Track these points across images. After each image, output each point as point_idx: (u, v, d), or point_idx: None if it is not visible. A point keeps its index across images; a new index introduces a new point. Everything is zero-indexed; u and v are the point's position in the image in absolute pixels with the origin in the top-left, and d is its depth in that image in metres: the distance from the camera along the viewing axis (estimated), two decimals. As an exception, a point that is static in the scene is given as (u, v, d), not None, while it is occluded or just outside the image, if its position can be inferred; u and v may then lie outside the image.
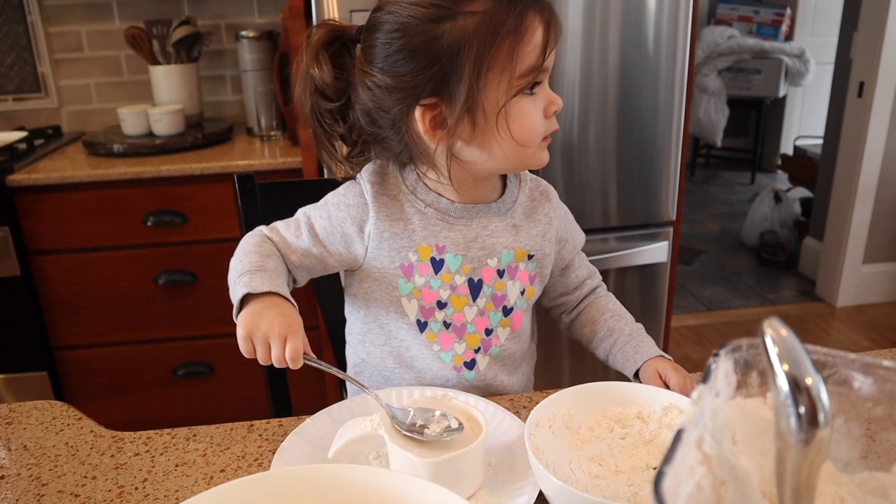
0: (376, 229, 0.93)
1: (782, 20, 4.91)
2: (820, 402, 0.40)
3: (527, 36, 0.83)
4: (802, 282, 3.52)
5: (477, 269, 0.95)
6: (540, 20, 0.84)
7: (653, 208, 1.93)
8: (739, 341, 0.47)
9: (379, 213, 0.93)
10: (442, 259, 0.94)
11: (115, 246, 2.01)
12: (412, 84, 0.84)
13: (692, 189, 5.06)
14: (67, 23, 2.38)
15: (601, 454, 0.72)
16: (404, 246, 0.93)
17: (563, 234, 1.04)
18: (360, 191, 0.95)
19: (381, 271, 0.94)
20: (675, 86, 1.84)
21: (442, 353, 0.96)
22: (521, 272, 0.98)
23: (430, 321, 0.95)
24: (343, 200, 0.95)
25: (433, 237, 0.93)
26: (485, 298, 0.96)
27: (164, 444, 0.85)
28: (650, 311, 2.02)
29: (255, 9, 2.43)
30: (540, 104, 0.87)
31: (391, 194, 0.94)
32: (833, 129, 3.27)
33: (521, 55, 0.83)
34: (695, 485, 0.38)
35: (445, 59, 0.82)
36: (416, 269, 0.93)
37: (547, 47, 0.84)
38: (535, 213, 1.00)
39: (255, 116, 2.26)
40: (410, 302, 0.95)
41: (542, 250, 0.99)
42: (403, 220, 0.93)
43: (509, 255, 0.96)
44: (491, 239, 0.95)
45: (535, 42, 0.83)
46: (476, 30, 0.81)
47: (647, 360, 0.96)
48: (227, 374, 2.17)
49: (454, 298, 0.95)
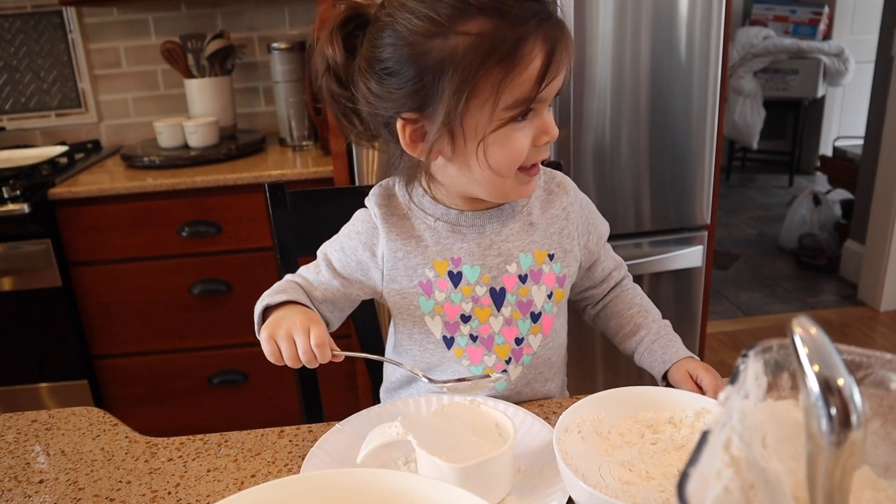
0: (389, 250, 0.92)
1: (820, 19, 4.82)
2: (853, 403, 0.39)
3: (520, 66, 0.77)
4: (844, 286, 3.43)
5: (497, 278, 0.92)
6: (542, 48, 0.77)
7: (687, 212, 1.91)
8: (769, 342, 0.46)
9: (389, 233, 0.92)
10: (459, 272, 0.92)
11: (152, 256, 2.04)
12: (396, 95, 0.80)
13: (728, 193, 4.98)
14: (106, 39, 2.44)
15: (632, 460, 0.71)
16: (419, 263, 0.91)
17: (584, 225, 1.00)
18: (369, 216, 0.94)
19: (401, 292, 0.93)
20: (708, 88, 1.82)
21: (472, 367, 0.94)
22: (547, 275, 0.95)
23: (457, 336, 0.93)
24: (353, 229, 0.95)
25: (447, 250, 0.92)
26: (510, 307, 0.94)
27: (196, 449, 0.86)
28: (685, 317, 1.99)
29: (287, 21, 2.46)
30: (529, 132, 0.82)
31: (399, 214, 0.93)
32: (874, 128, 3.19)
33: (509, 86, 0.77)
34: (722, 488, 0.37)
35: (429, 77, 0.78)
36: (434, 285, 0.91)
37: (545, 78, 0.78)
38: (551, 206, 0.97)
39: (287, 127, 2.29)
40: (434, 319, 0.93)
41: (562, 247, 0.96)
42: (415, 238, 0.92)
43: (528, 259, 0.94)
44: (506, 244, 0.93)
45: (530, 73, 0.77)
46: (464, 52, 0.76)
47: (676, 362, 0.94)
48: (261, 382, 2.19)
49: (477, 310, 0.93)
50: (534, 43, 0.77)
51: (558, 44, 0.78)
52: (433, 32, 0.77)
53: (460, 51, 0.76)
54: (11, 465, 0.85)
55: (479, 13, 0.76)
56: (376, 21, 0.82)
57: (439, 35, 0.77)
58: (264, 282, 2.09)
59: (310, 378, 1.23)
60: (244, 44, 2.44)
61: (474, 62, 0.76)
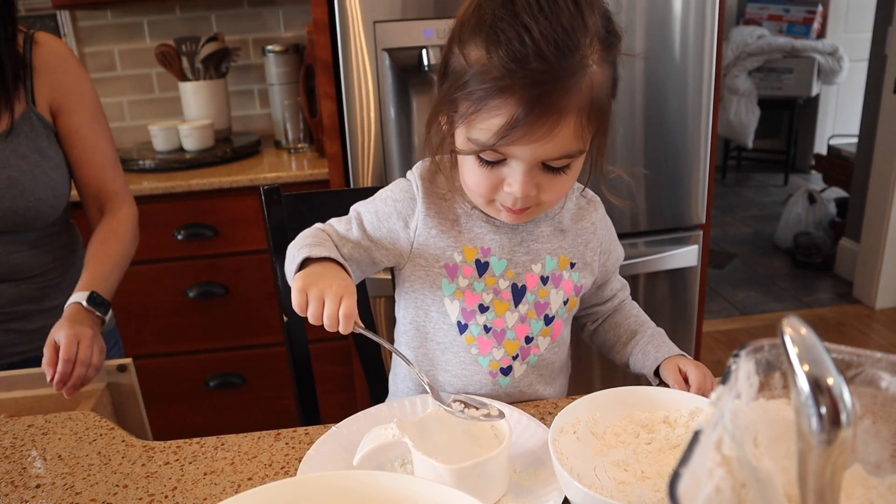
0: (424, 225, 0.93)
1: (814, 17, 4.83)
2: (842, 401, 0.39)
3: (480, 114, 0.77)
4: (839, 284, 3.45)
5: (521, 275, 0.94)
6: (512, 109, 0.75)
7: (682, 212, 1.91)
8: (761, 342, 0.47)
9: (428, 209, 0.93)
10: (487, 262, 0.93)
11: (148, 260, 2.04)
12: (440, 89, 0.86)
13: (723, 192, 4.99)
14: (101, 43, 2.43)
15: (627, 459, 0.71)
16: (450, 245, 0.93)
17: (607, 244, 1.03)
18: (409, 187, 0.95)
19: (427, 269, 0.94)
20: (702, 87, 1.82)
21: (479, 356, 0.96)
22: (566, 282, 0.97)
23: (471, 324, 0.95)
24: (390, 195, 0.96)
25: (479, 239, 0.93)
26: (527, 305, 0.95)
27: (192, 453, 0.86)
28: (681, 316, 1.99)
29: (282, 23, 2.46)
30: (498, 174, 0.82)
31: (440, 193, 0.95)
32: (868, 126, 3.20)
33: (470, 123, 0.79)
34: (714, 487, 0.38)
35: (441, 79, 0.84)
36: (460, 270, 0.93)
37: (504, 138, 0.76)
38: (582, 219, 1.00)
39: (282, 129, 2.29)
40: (453, 303, 0.94)
41: (584, 259, 0.99)
42: (451, 220, 0.94)
43: (553, 262, 0.96)
44: (536, 244, 0.95)
45: (490, 124, 0.77)
46: (456, 72, 0.80)
47: (667, 358, 0.95)
48: (259, 385, 2.19)
49: (496, 303, 0.94)
50: (508, 99, 0.75)
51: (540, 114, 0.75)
52: (455, 40, 0.81)
53: (456, 68, 0.81)
54: (8, 470, 0.85)
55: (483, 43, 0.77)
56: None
57: (457, 49, 0.81)
58: (261, 284, 2.10)
59: (306, 380, 1.23)
60: (239, 46, 2.44)
61: (458, 85, 0.79)
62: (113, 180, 1.32)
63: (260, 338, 2.15)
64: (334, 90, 1.81)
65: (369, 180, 1.81)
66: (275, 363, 2.18)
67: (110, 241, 1.27)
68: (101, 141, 1.31)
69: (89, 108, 1.29)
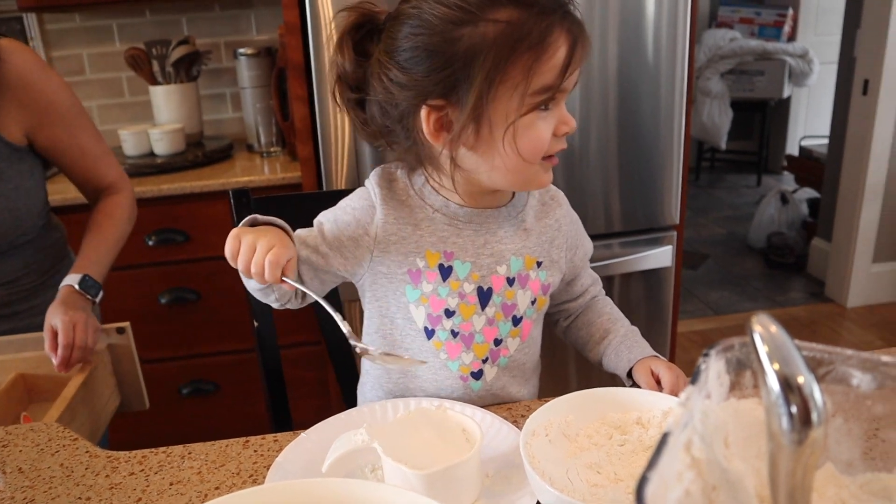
0: (384, 232, 0.92)
1: (784, 20, 4.89)
2: (813, 400, 0.38)
3: (548, 53, 0.80)
4: (812, 283, 3.48)
5: (486, 277, 0.93)
6: (566, 38, 0.81)
7: (656, 212, 1.92)
8: (731, 340, 0.46)
9: (387, 216, 0.92)
10: (450, 266, 0.92)
11: (119, 266, 1.98)
12: (423, 83, 0.82)
13: (697, 193, 5.03)
14: (69, 46, 2.39)
15: (600, 462, 0.70)
16: (412, 251, 0.92)
17: (573, 240, 1.03)
18: (368, 195, 0.94)
19: (389, 276, 0.93)
20: (675, 89, 1.83)
21: (449, 361, 0.95)
22: (533, 281, 0.96)
23: (438, 329, 0.93)
24: (349, 204, 0.95)
25: (441, 243, 0.92)
26: (494, 307, 0.94)
27: (158, 462, 0.84)
28: (656, 317, 2.00)
29: (253, 26, 2.44)
30: (551, 122, 0.84)
31: (400, 199, 0.93)
32: (839, 127, 3.24)
33: (538, 72, 0.80)
34: (683, 491, 0.37)
35: (459, 64, 0.80)
36: (423, 275, 0.92)
37: (569, 67, 0.81)
38: (546, 217, 0.99)
39: (254, 133, 2.26)
40: (418, 309, 0.93)
41: (550, 257, 0.98)
42: (412, 225, 0.92)
43: (518, 262, 0.95)
44: (499, 245, 0.94)
45: (556, 61, 0.80)
46: (495, 39, 0.79)
47: (640, 359, 0.95)
48: (233, 392, 2.16)
49: (462, 307, 0.93)
50: (559, 33, 0.81)
51: (579, 37, 0.83)
52: (463, 20, 0.80)
53: (490, 37, 0.79)
54: (-34, 484, 0.82)
55: (508, 3, 0.80)
56: (399, 14, 0.85)
57: (469, 23, 0.80)
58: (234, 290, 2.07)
59: (278, 385, 1.21)
60: (210, 50, 2.41)
61: (505, 47, 0.79)
62: (106, 174, 1.37)
63: (233, 344, 2.12)
64: (306, 93, 1.79)
65: (343, 183, 1.79)
66: (249, 370, 2.15)
67: (105, 224, 1.34)
68: (87, 142, 1.32)
69: (68, 114, 1.29)
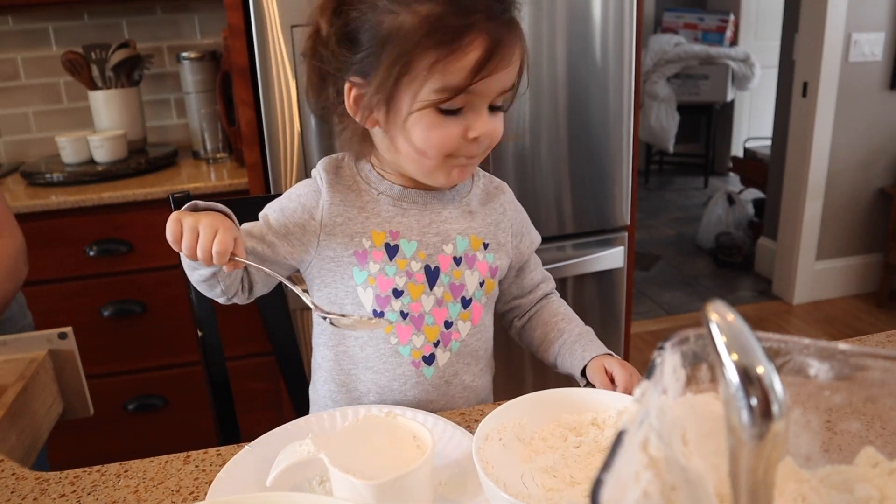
0: (329, 214, 0.92)
1: (726, 26, 5.00)
2: (773, 392, 0.37)
3: (455, 54, 0.79)
4: (759, 281, 3.55)
5: (433, 256, 0.94)
6: (483, 41, 0.80)
7: (607, 214, 1.92)
8: (686, 332, 0.44)
9: (333, 199, 0.93)
10: (396, 245, 0.93)
11: (58, 278, 1.93)
12: (350, 60, 0.84)
13: (647, 196, 5.10)
14: (3, 50, 2.29)
15: (555, 465, 0.68)
16: (357, 232, 0.92)
17: (518, 227, 1.04)
18: (313, 182, 0.95)
19: (336, 260, 0.93)
20: (623, 93, 1.84)
21: (399, 346, 0.94)
22: (480, 262, 0.97)
23: (387, 310, 0.93)
24: (294, 192, 0.96)
25: (387, 223, 0.93)
26: (442, 287, 0.94)
27: (92, 482, 0.79)
28: (609, 318, 2.00)
29: (197, 29, 2.38)
30: (460, 124, 0.84)
31: (346, 184, 0.95)
32: (780, 129, 3.32)
33: (442, 71, 0.80)
34: (641, 492, 0.35)
35: (376, 47, 0.82)
36: (370, 255, 0.92)
37: (480, 71, 0.80)
38: (490, 202, 1.00)
39: (200, 139, 2.20)
40: (366, 291, 0.92)
41: (497, 239, 0.99)
42: (357, 207, 0.93)
43: (464, 242, 0.96)
44: (445, 225, 0.95)
45: (467, 62, 0.80)
46: (409, 30, 0.80)
47: (594, 358, 0.95)
48: (181, 406, 2.09)
49: (411, 286, 0.93)
50: (476, 35, 0.80)
51: (503, 43, 0.81)
52: (391, 9, 0.81)
53: (406, 27, 0.80)
54: None
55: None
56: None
57: (394, 11, 0.81)
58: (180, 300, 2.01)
59: (225, 398, 1.16)
60: (152, 53, 2.34)
61: (412, 40, 0.80)
62: None
63: (181, 356, 2.06)
64: (252, 97, 1.75)
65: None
66: (197, 383, 2.08)
67: None
68: None
69: None
